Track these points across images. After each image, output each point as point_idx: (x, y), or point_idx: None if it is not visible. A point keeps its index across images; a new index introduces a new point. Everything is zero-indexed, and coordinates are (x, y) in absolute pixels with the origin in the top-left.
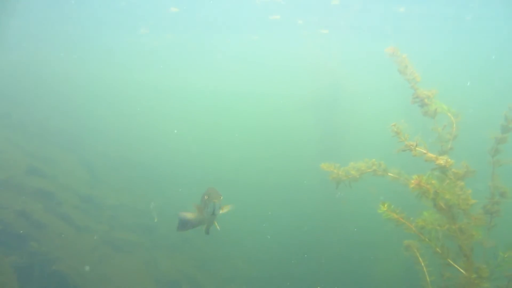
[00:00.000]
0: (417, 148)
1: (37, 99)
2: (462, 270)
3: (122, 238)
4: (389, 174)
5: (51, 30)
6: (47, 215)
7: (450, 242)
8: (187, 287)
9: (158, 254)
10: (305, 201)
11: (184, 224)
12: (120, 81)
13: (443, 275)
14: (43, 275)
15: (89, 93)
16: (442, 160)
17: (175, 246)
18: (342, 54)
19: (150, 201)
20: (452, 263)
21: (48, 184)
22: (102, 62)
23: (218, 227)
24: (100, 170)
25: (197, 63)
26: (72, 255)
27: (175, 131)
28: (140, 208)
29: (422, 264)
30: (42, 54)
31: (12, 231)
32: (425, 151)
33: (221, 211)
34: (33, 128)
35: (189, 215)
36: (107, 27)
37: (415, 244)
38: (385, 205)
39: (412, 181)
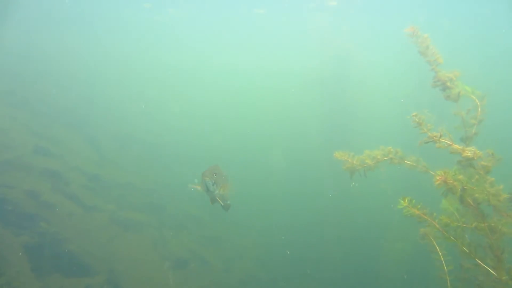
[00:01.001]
0: (441, 139)
1: (43, 76)
2: (491, 270)
3: (130, 218)
4: (406, 162)
5: (55, 6)
6: (56, 195)
7: (475, 238)
8: (195, 265)
9: (166, 233)
10: (314, 181)
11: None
12: (127, 58)
13: (462, 266)
14: (53, 254)
15: (95, 71)
16: (469, 152)
17: (183, 225)
18: (351, 27)
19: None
20: (480, 263)
21: (55, 163)
22: (108, 38)
23: (221, 203)
24: (107, 149)
25: (200, 40)
26: (81, 235)
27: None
28: (148, 187)
29: (440, 253)
30: (47, 31)
31: (21, 211)
32: (450, 142)
33: (220, 190)
34: (39, 106)
35: None
36: (112, 2)
37: (431, 232)
38: (406, 200)
39: (437, 177)
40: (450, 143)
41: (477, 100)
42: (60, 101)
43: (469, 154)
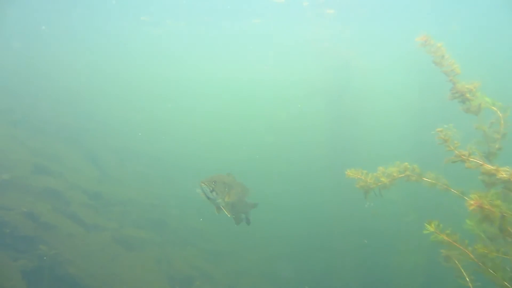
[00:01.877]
0: (470, 158)
1: (41, 94)
2: None
3: (132, 235)
4: (424, 179)
5: (51, 23)
6: (56, 216)
7: None
8: (201, 283)
9: (170, 249)
10: (318, 191)
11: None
12: (125, 72)
13: None
14: (53, 278)
15: (94, 86)
16: (505, 173)
17: (187, 240)
18: (351, 35)
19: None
20: None
21: (55, 182)
22: (106, 54)
23: (227, 213)
24: (108, 165)
25: (199, 51)
26: (82, 256)
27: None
28: (150, 203)
29: (467, 279)
30: (44, 48)
31: (20, 234)
32: (481, 162)
33: (224, 199)
34: (38, 123)
35: None
36: (108, 17)
37: (455, 255)
38: (432, 225)
39: (472, 202)
40: (481, 162)
41: (499, 112)
42: (59, 118)
43: (504, 175)
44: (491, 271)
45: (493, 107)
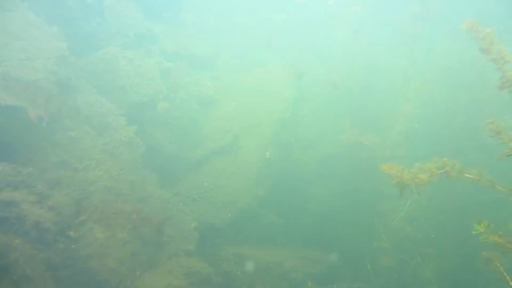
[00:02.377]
0: None
1: (70, 89)
2: None
3: (151, 232)
4: (465, 175)
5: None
6: (78, 209)
7: None
8: (219, 281)
9: (188, 247)
10: (341, 190)
11: None
12: (144, 66)
13: None
14: (74, 271)
15: (119, 85)
16: None
17: (205, 239)
18: (375, 33)
19: None
20: None
21: (77, 176)
22: (129, 47)
23: None
24: (128, 160)
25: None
26: (103, 251)
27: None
28: (169, 200)
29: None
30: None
31: (44, 227)
32: None
33: None
34: (60, 116)
35: None
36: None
37: (497, 257)
38: (481, 225)
39: None
40: None
41: None
42: (81, 111)
43: None
44: None
45: None
